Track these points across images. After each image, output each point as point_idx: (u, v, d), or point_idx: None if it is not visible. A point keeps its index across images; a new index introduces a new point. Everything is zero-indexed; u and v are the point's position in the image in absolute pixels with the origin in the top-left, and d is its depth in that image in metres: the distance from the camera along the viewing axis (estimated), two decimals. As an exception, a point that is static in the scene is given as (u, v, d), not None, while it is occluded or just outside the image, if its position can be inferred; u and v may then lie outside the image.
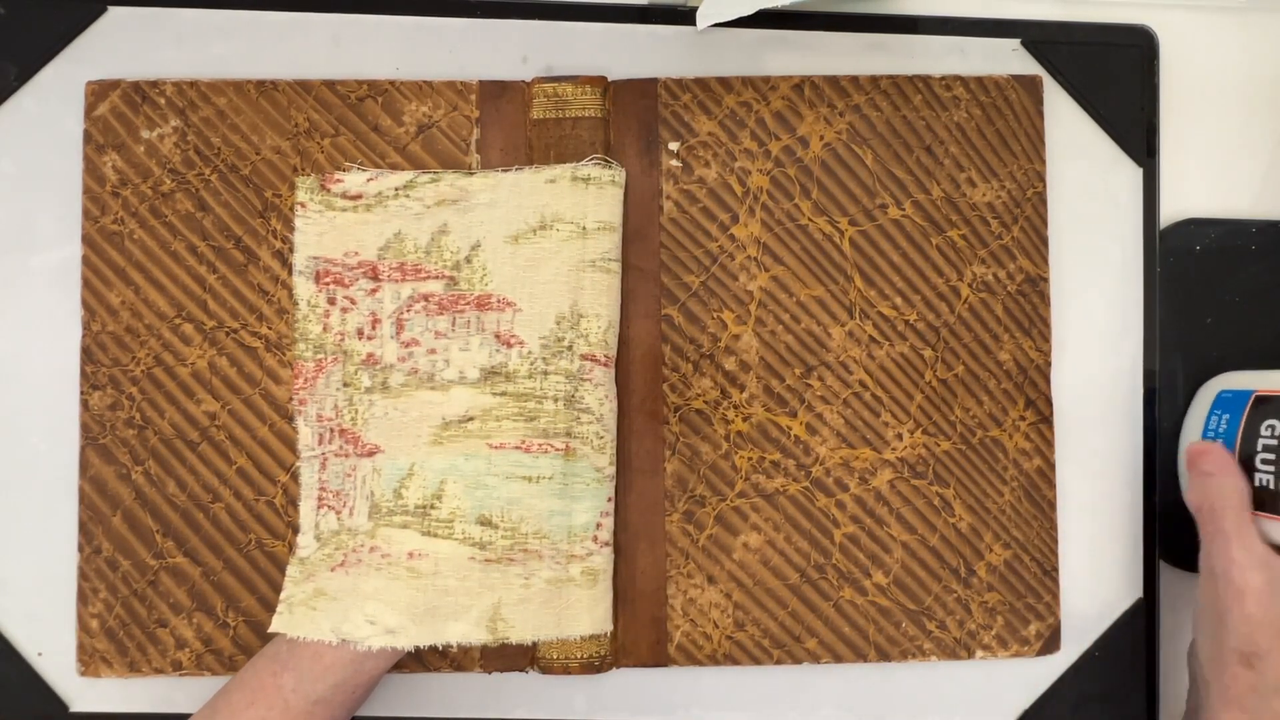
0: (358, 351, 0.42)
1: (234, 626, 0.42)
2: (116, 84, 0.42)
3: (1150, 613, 0.44)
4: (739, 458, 0.43)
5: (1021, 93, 0.44)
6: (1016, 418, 0.44)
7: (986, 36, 0.45)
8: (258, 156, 0.43)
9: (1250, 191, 0.46)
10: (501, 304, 0.41)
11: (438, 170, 0.42)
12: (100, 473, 0.42)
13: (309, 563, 0.41)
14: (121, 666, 0.41)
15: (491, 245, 0.41)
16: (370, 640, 0.38)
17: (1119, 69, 0.45)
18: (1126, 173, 0.45)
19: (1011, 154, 0.44)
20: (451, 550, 0.39)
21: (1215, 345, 0.45)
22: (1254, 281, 0.46)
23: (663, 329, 0.43)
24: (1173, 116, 0.46)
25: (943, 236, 0.44)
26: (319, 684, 0.37)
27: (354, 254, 0.42)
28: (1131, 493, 0.45)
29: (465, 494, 0.39)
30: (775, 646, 0.43)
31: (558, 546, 0.40)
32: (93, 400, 0.42)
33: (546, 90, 0.42)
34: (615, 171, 0.42)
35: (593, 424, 0.41)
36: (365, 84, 0.43)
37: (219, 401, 0.42)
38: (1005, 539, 0.44)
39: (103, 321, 0.42)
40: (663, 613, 0.43)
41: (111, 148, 0.42)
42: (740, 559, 0.43)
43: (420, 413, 0.41)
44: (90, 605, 0.41)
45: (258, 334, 0.42)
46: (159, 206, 0.42)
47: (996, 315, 0.44)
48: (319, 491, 0.42)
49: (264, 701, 0.37)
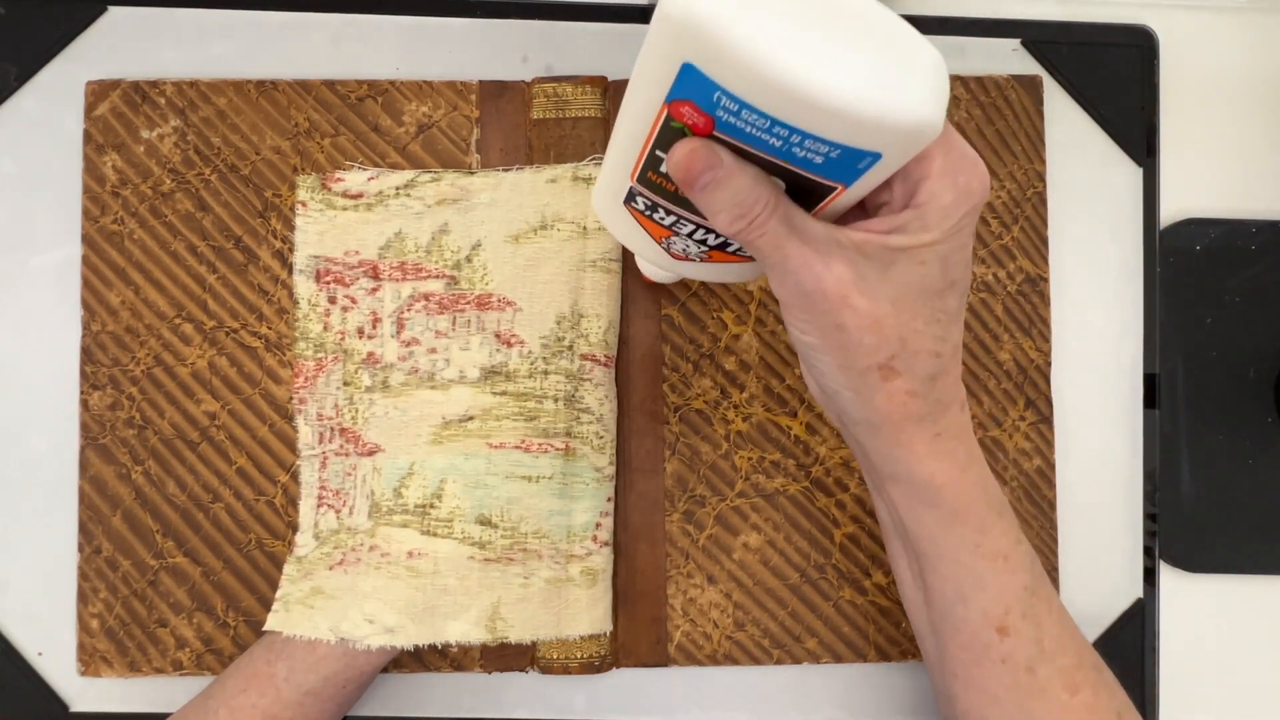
0: (358, 350, 0.42)
1: (234, 626, 0.42)
2: (116, 84, 0.42)
3: (1150, 613, 0.44)
4: (739, 458, 0.43)
5: (1021, 93, 0.44)
6: (1016, 418, 0.44)
7: (986, 36, 0.45)
8: (258, 156, 0.43)
9: (1250, 191, 0.46)
10: (502, 303, 0.41)
11: (439, 170, 0.42)
12: (100, 473, 0.42)
13: (306, 561, 0.41)
14: (122, 666, 0.41)
15: (492, 245, 0.41)
16: (369, 639, 0.38)
17: (1119, 69, 0.45)
18: (1126, 173, 0.45)
19: (1011, 154, 0.44)
20: (451, 549, 0.39)
21: (1215, 345, 0.45)
22: (1254, 281, 0.46)
23: (663, 329, 0.43)
24: (1173, 116, 0.46)
25: (943, 236, 0.44)
26: (311, 675, 0.37)
27: (355, 253, 0.42)
28: (1131, 493, 0.45)
29: (465, 493, 0.39)
30: (775, 646, 0.43)
31: (557, 546, 0.40)
32: (93, 400, 0.42)
33: (546, 90, 0.42)
34: (615, 171, 0.42)
35: (593, 424, 0.41)
36: (365, 84, 0.43)
37: (219, 401, 0.42)
38: (1005, 539, 0.44)
39: (103, 321, 0.42)
40: (663, 613, 0.43)
41: (111, 148, 0.42)
42: (740, 559, 0.43)
43: (420, 412, 0.41)
44: (90, 605, 0.41)
45: (258, 334, 0.42)
46: (159, 206, 0.42)
47: (996, 315, 0.44)
48: (319, 490, 0.42)
49: (256, 689, 0.37)
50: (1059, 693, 0.33)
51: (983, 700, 0.34)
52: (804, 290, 0.29)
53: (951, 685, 0.35)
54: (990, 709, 0.34)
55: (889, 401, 0.30)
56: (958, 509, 0.32)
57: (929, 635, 0.36)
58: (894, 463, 0.32)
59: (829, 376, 0.31)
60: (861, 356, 0.29)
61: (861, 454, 0.34)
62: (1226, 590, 0.45)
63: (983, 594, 0.33)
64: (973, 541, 0.32)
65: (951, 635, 0.34)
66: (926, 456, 0.32)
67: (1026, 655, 0.33)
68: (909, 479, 0.32)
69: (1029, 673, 0.33)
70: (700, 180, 0.27)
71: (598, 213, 0.34)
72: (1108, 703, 0.34)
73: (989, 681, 0.33)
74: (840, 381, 0.31)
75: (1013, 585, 0.33)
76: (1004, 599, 0.33)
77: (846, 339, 0.29)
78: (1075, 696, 0.33)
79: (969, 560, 0.33)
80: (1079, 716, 0.33)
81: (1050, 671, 0.33)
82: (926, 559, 0.33)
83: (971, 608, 0.33)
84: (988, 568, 0.33)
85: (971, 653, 0.33)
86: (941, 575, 0.33)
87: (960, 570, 0.33)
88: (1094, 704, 0.33)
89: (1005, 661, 0.33)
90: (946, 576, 0.33)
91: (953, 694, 0.35)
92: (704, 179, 0.27)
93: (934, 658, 0.36)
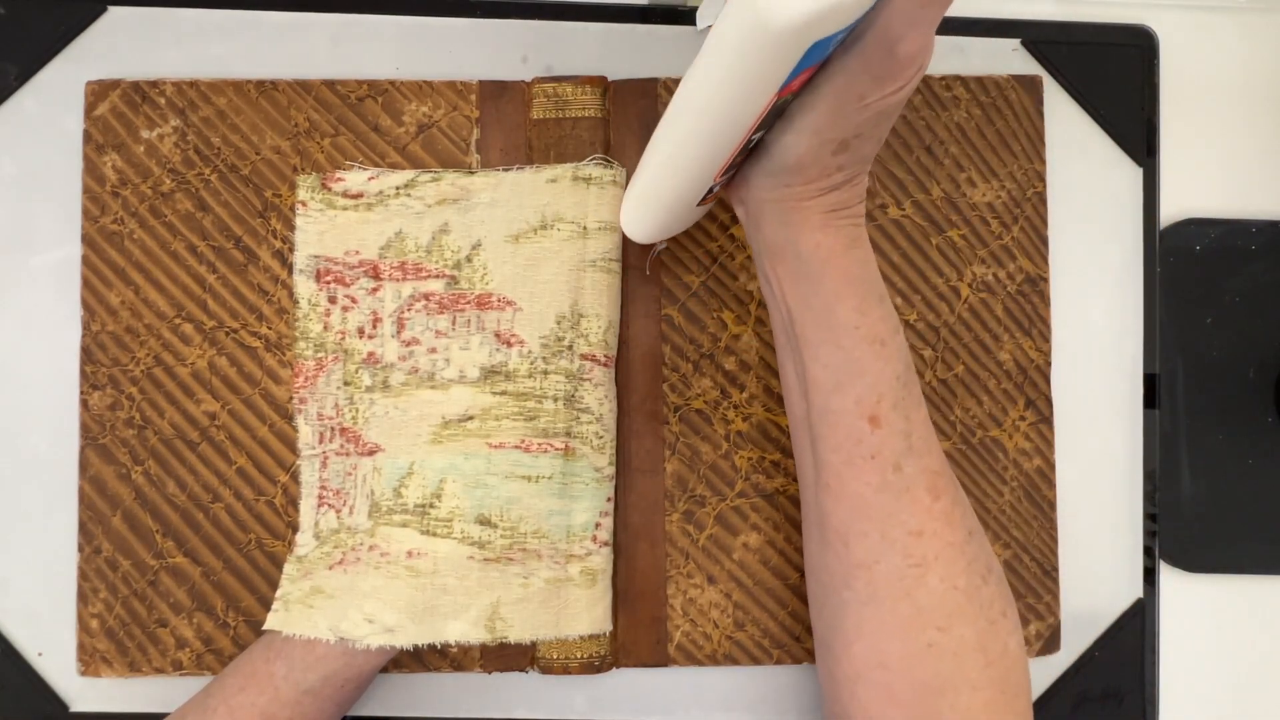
0: (358, 350, 0.42)
1: (234, 626, 0.42)
2: (116, 84, 0.42)
3: (1150, 613, 0.44)
4: (739, 458, 0.43)
5: (1021, 93, 0.44)
6: (1016, 418, 0.44)
7: (986, 36, 0.45)
8: (258, 156, 0.43)
9: (1250, 191, 0.46)
10: (502, 303, 0.41)
11: (439, 170, 0.42)
12: (100, 473, 0.42)
13: (306, 561, 0.41)
14: (122, 666, 0.41)
15: (492, 244, 0.41)
16: (369, 639, 0.38)
17: (1119, 69, 0.45)
18: (1126, 173, 0.45)
19: (1011, 154, 0.44)
20: (450, 549, 0.39)
21: (1215, 345, 0.45)
22: (1254, 281, 0.46)
23: (663, 329, 0.43)
24: (1173, 116, 0.46)
25: (943, 236, 0.44)
26: (310, 674, 0.37)
27: (355, 253, 0.42)
28: (1131, 493, 0.45)
29: (465, 493, 0.39)
30: (775, 646, 0.43)
31: (557, 546, 0.40)
32: (93, 400, 0.42)
33: (546, 90, 0.42)
34: (616, 171, 0.42)
35: (592, 424, 0.41)
36: (365, 84, 0.43)
37: (219, 401, 0.42)
38: (1005, 539, 0.44)
39: (102, 321, 0.42)
40: (663, 613, 0.43)
41: (111, 148, 0.42)
42: (740, 559, 0.43)
43: (420, 412, 0.41)
44: (90, 605, 0.41)
45: (258, 334, 0.42)
46: (159, 206, 0.42)
47: (996, 315, 0.44)
48: (319, 490, 0.42)
49: (255, 687, 0.37)
50: (922, 495, 0.34)
51: (851, 505, 0.34)
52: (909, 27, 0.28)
53: (823, 500, 0.35)
54: (859, 515, 0.34)
55: (814, 157, 0.31)
56: (839, 286, 0.33)
57: (807, 450, 0.36)
58: (786, 229, 0.33)
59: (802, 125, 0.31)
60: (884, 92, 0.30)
61: (755, 228, 0.35)
62: (1226, 590, 0.45)
63: (859, 380, 0.34)
64: (852, 323, 0.34)
65: (827, 435, 0.35)
66: (817, 228, 0.33)
67: (894, 450, 0.34)
68: (795, 252, 0.33)
69: (896, 470, 0.34)
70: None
71: (635, 236, 0.36)
72: (962, 518, 0.35)
73: (859, 483, 0.34)
74: (805, 125, 0.31)
75: (886, 373, 0.34)
76: (878, 386, 0.34)
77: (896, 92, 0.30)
78: (937, 502, 0.34)
79: (848, 344, 0.34)
80: (939, 524, 0.34)
81: (915, 470, 0.34)
82: (808, 346, 0.34)
83: (847, 396, 0.34)
84: (866, 351, 0.34)
85: (843, 453, 0.34)
86: (821, 363, 0.34)
87: (839, 355, 0.34)
88: (951, 513, 0.34)
89: (874, 457, 0.34)
90: (826, 364, 0.34)
91: (823, 510, 0.35)
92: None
93: (810, 476, 0.36)
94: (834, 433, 0.35)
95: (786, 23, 0.24)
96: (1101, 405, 0.45)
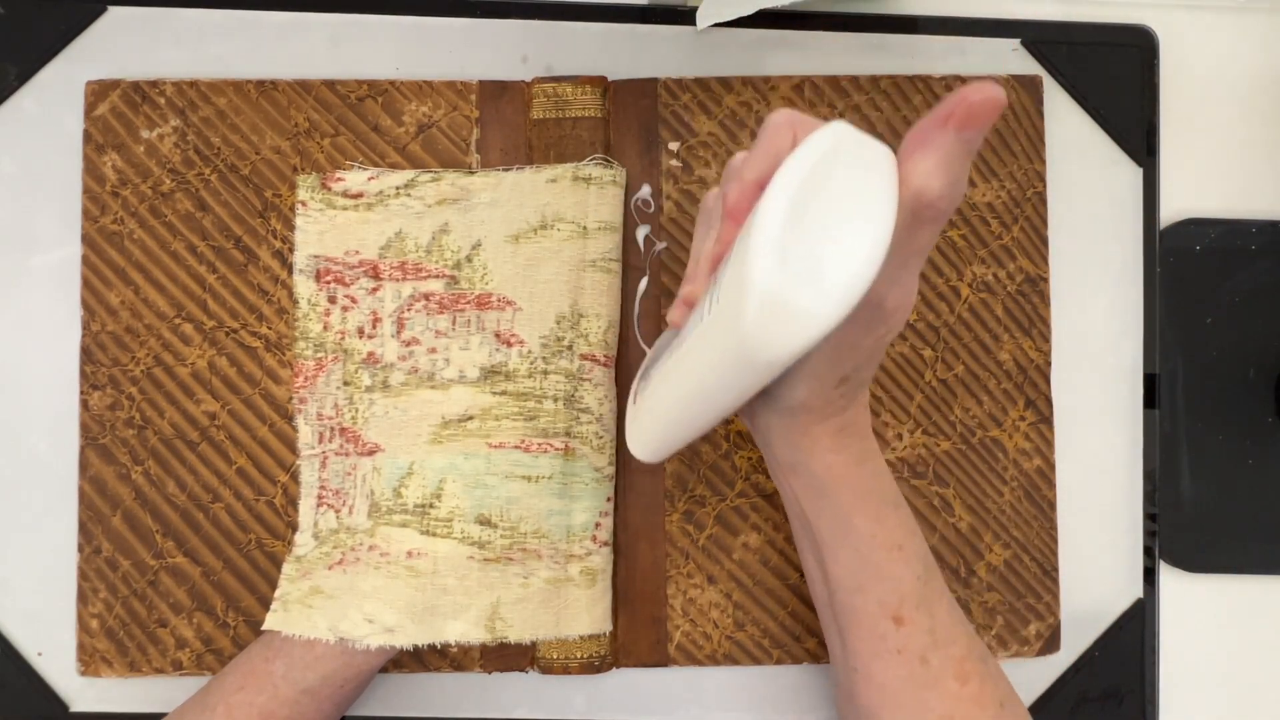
0: (358, 350, 0.42)
1: (234, 626, 0.42)
2: (116, 84, 0.42)
3: (1150, 613, 0.44)
4: (739, 458, 0.43)
5: (1021, 93, 0.44)
6: (1016, 418, 0.44)
7: (986, 36, 0.45)
8: (258, 156, 0.43)
9: (1250, 191, 0.46)
10: (502, 303, 0.41)
11: (439, 169, 0.42)
12: (100, 473, 0.42)
13: (305, 561, 0.41)
14: (121, 666, 0.41)
15: (492, 244, 0.41)
16: (369, 639, 0.38)
17: (1119, 69, 0.45)
18: (1126, 173, 0.45)
19: (1011, 154, 0.44)
20: (450, 549, 0.39)
21: (1215, 345, 0.45)
22: (1254, 281, 0.46)
23: (662, 329, 0.43)
24: (1173, 116, 0.46)
25: (942, 236, 0.44)
26: (308, 673, 0.37)
27: (355, 253, 0.42)
28: (1131, 493, 0.45)
29: (464, 493, 0.39)
30: (775, 646, 0.43)
31: (556, 546, 0.40)
32: (93, 400, 0.42)
33: (546, 90, 0.42)
34: (616, 171, 0.42)
35: (592, 424, 0.41)
36: (365, 84, 0.43)
37: (219, 401, 0.42)
38: (1005, 539, 0.44)
39: (102, 321, 0.42)
40: (663, 613, 0.43)
41: (111, 148, 0.42)
42: (740, 559, 0.43)
43: (420, 411, 0.41)
44: (90, 605, 0.41)
45: (258, 334, 0.42)
46: (159, 206, 0.42)
47: (996, 315, 0.44)
48: (319, 490, 0.42)
49: (254, 686, 0.37)
50: (950, 683, 0.35)
51: (882, 695, 0.35)
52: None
53: (854, 681, 0.36)
54: (888, 703, 0.35)
55: (818, 395, 0.32)
56: (854, 501, 0.34)
57: (834, 632, 0.37)
58: (796, 452, 0.34)
59: (802, 373, 0.31)
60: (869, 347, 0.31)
61: (765, 445, 0.35)
62: (1226, 590, 0.45)
63: (880, 584, 0.34)
64: (869, 532, 0.34)
65: (853, 628, 0.35)
66: (828, 450, 0.33)
67: (920, 645, 0.34)
68: (808, 471, 0.34)
69: (923, 663, 0.34)
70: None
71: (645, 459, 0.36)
72: (992, 693, 0.35)
73: (887, 675, 0.35)
74: (805, 372, 0.31)
75: (907, 576, 0.35)
76: (899, 589, 0.34)
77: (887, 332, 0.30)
78: (965, 687, 0.35)
79: (866, 550, 0.34)
80: (967, 708, 0.35)
81: (942, 661, 0.35)
82: (827, 549, 0.35)
83: (869, 597, 0.35)
84: (884, 557, 0.34)
85: (870, 644, 0.35)
86: (842, 565, 0.35)
87: (858, 560, 0.34)
88: (980, 694, 0.35)
89: (901, 652, 0.35)
90: (846, 566, 0.35)
91: (854, 690, 0.36)
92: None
93: (839, 654, 0.37)
94: (858, 627, 0.35)
95: (773, 358, 0.25)
96: (1101, 405, 0.45)
